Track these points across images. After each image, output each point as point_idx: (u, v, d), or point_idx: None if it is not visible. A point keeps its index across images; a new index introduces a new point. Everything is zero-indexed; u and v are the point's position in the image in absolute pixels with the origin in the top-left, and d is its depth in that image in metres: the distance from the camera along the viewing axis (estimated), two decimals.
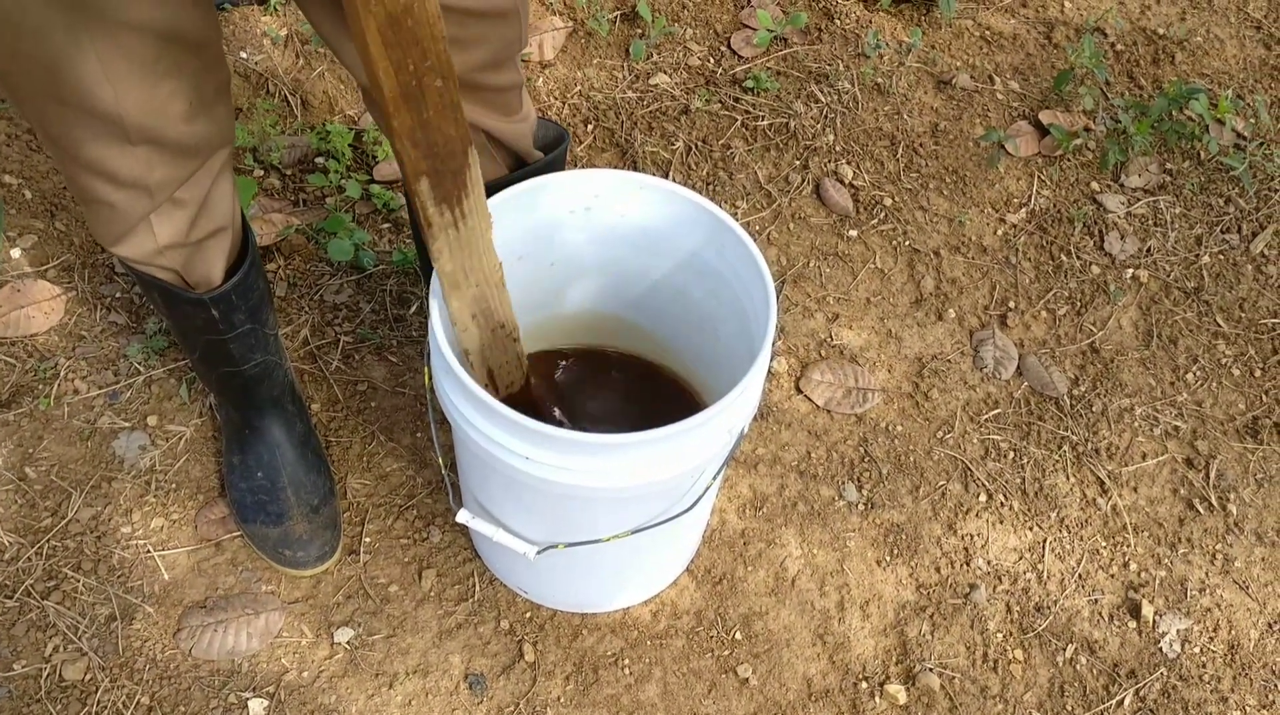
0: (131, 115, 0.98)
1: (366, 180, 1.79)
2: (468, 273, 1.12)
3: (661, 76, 1.99)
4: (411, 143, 0.96)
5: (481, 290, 1.15)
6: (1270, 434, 1.68)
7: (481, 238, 1.10)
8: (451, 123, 0.97)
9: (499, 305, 1.18)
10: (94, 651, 1.37)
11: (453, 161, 1.00)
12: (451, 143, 0.99)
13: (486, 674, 1.39)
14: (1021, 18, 2.16)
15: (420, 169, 0.99)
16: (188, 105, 1.03)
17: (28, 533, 1.44)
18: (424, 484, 1.53)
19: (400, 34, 0.87)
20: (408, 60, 0.90)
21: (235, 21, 1.96)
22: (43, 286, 1.64)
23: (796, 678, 1.43)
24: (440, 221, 1.05)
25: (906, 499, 1.58)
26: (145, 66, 0.96)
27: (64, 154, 1.04)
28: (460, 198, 1.04)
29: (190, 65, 1.01)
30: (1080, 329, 1.76)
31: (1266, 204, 1.93)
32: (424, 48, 0.90)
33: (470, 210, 1.06)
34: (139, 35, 0.93)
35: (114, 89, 0.95)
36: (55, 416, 1.54)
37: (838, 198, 1.86)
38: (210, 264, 1.21)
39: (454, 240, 1.07)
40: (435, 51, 0.91)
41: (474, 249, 1.10)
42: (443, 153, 0.99)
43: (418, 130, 0.95)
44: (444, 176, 1.01)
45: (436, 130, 0.97)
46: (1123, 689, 1.45)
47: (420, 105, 0.94)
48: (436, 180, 1.01)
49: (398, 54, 0.89)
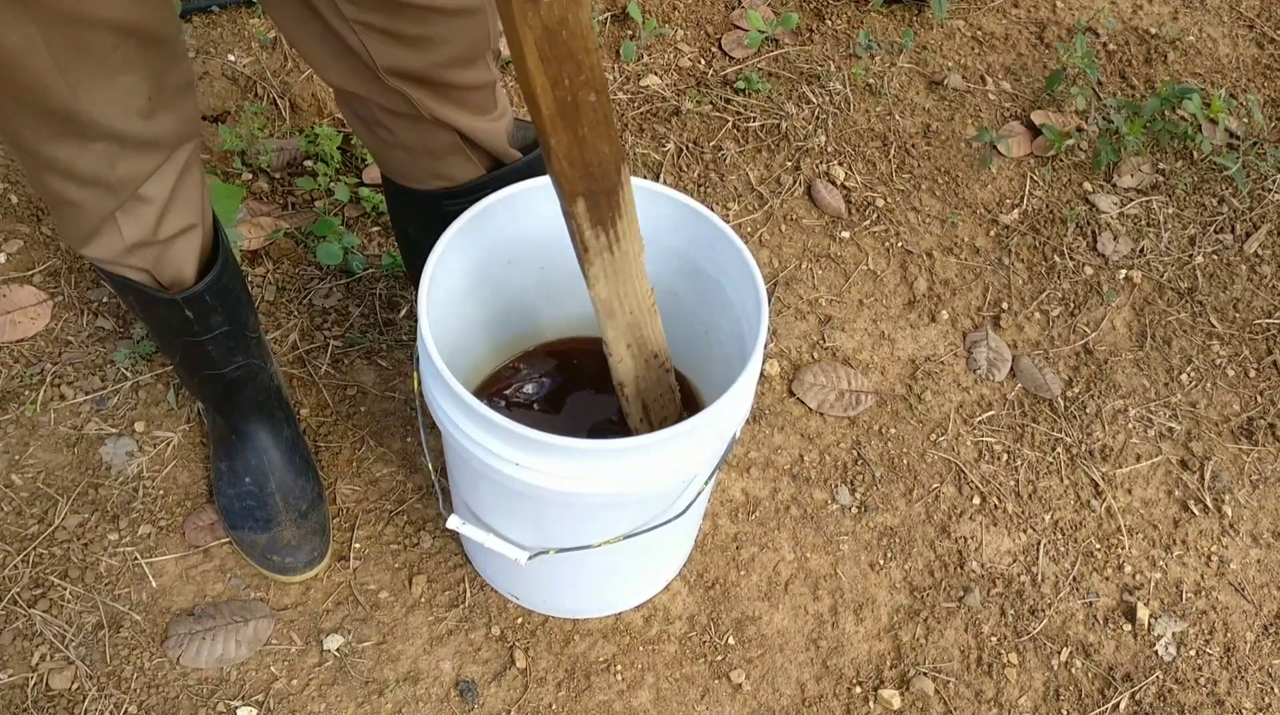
0: (88, 110, 0.97)
1: (356, 183, 1.78)
2: (622, 299, 1.09)
3: (652, 78, 1.98)
4: (569, 162, 0.94)
5: (635, 317, 1.12)
6: (1265, 435, 1.67)
7: (635, 261, 1.07)
8: (606, 139, 0.95)
9: (652, 333, 1.15)
10: (81, 660, 1.36)
11: (607, 181, 0.98)
12: (605, 161, 0.96)
13: (477, 681, 1.38)
14: (1013, 18, 2.15)
15: (578, 190, 0.96)
16: (147, 100, 1.02)
17: (14, 540, 1.43)
18: (414, 489, 1.52)
19: (556, 48, 0.85)
20: (563, 75, 0.87)
21: (223, 24, 1.95)
22: (28, 292, 1.63)
23: (790, 683, 1.42)
24: (596, 245, 1.02)
25: (900, 502, 1.57)
26: (100, 60, 0.95)
27: (23, 153, 1.03)
28: (615, 219, 1.01)
29: (149, 60, 0.99)
30: (1074, 330, 1.76)
31: (1260, 204, 1.92)
32: (578, 61, 0.87)
33: (624, 233, 1.03)
34: (92, 29, 0.92)
35: (69, 84, 0.94)
36: (42, 423, 1.52)
37: (830, 199, 1.85)
38: (181, 263, 1.20)
39: (609, 265, 1.05)
40: (589, 65, 0.88)
41: (628, 274, 1.07)
42: (598, 172, 0.96)
43: (574, 149, 0.93)
44: (599, 197, 0.98)
45: (592, 148, 0.94)
46: (1118, 692, 1.44)
47: (576, 122, 0.91)
48: (593, 202, 0.98)
49: (554, 69, 0.86)
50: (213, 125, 1.83)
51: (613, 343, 1.13)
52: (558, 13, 0.84)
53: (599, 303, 1.08)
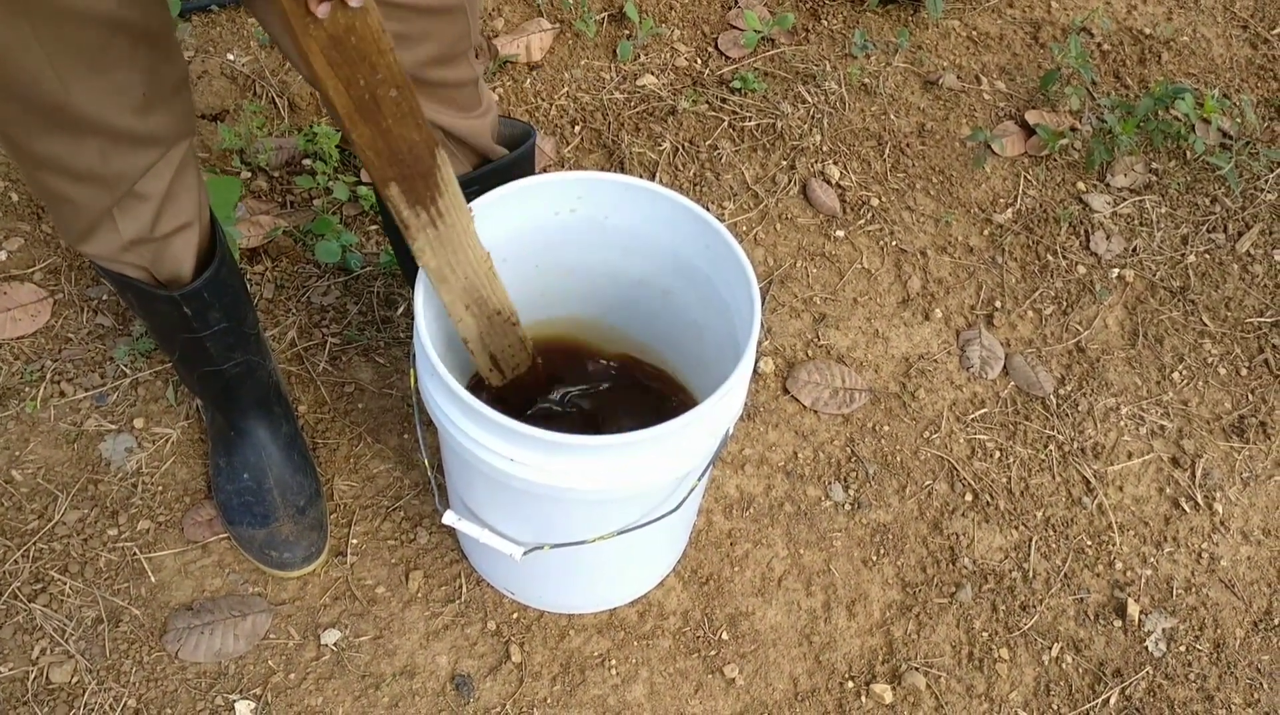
0: (80, 105, 0.98)
1: (354, 182, 1.79)
2: (454, 267, 1.13)
3: (649, 77, 1.99)
4: (374, 152, 0.98)
5: (471, 281, 1.16)
6: (1256, 433, 1.69)
7: (463, 233, 1.11)
8: (413, 128, 0.99)
9: (492, 293, 1.20)
10: (81, 654, 1.37)
11: (420, 165, 1.02)
12: (416, 147, 1.00)
13: (473, 675, 1.39)
14: (1008, 18, 2.16)
15: (387, 176, 1.01)
16: (142, 96, 1.03)
17: (14, 536, 1.44)
18: (411, 485, 1.53)
19: (345, 52, 0.89)
20: (357, 76, 0.91)
21: (222, 23, 1.96)
22: (29, 289, 1.64)
23: (783, 677, 1.43)
24: (416, 222, 1.06)
25: (893, 499, 1.58)
26: (92, 56, 0.96)
27: (17, 149, 1.04)
28: (434, 197, 1.06)
29: (142, 56, 1.00)
30: (1066, 328, 1.77)
31: (1252, 203, 1.94)
32: (372, 62, 0.91)
33: (446, 208, 1.08)
34: (83, 24, 0.93)
35: (60, 79, 0.95)
36: (42, 419, 1.54)
37: (825, 198, 1.86)
38: (179, 260, 1.21)
39: (434, 238, 1.09)
40: (384, 64, 0.92)
41: (456, 245, 1.11)
42: (408, 158, 1.00)
43: (378, 139, 0.97)
44: (413, 180, 1.03)
45: (398, 138, 0.98)
46: (1108, 688, 1.46)
47: (377, 116, 0.95)
48: (407, 185, 1.03)
49: (345, 72, 0.90)
50: (212, 124, 1.84)
51: (450, 306, 1.17)
52: (343, 23, 0.88)
53: (430, 272, 1.12)
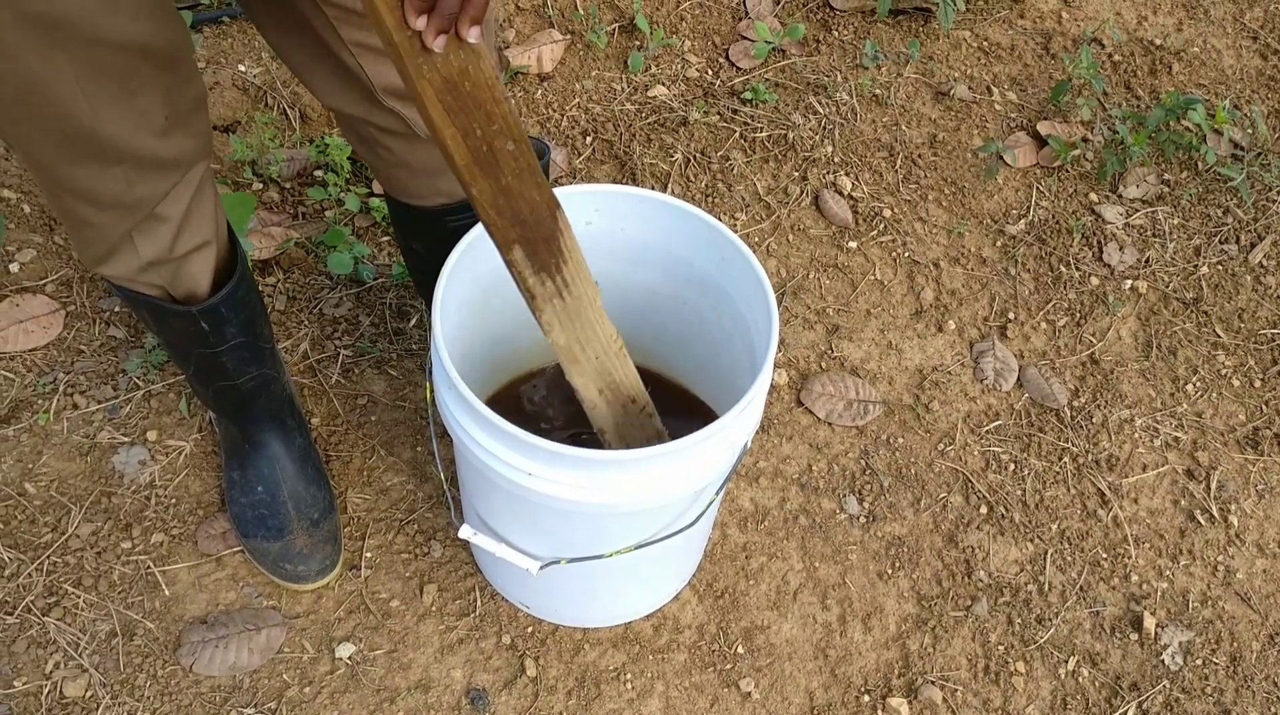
0: (108, 132, 0.98)
1: (366, 193, 1.79)
2: (584, 345, 1.09)
3: (660, 88, 1.99)
4: (496, 211, 0.94)
5: (602, 362, 1.11)
6: (1271, 445, 1.68)
7: (590, 306, 1.07)
8: (533, 186, 0.95)
9: (624, 378, 1.15)
10: (95, 668, 1.37)
11: (542, 227, 0.98)
12: (537, 208, 0.97)
13: (488, 689, 1.39)
14: (1019, 29, 2.16)
15: (511, 238, 0.97)
16: (164, 119, 1.03)
17: (28, 549, 1.44)
18: (424, 498, 1.53)
19: (460, 99, 0.86)
20: (474, 126, 0.88)
21: (234, 35, 1.96)
22: (41, 301, 1.64)
23: (799, 691, 1.42)
24: (543, 292, 1.02)
25: (908, 511, 1.58)
26: (120, 83, 0.96)
27: (45, 176, 1.04)
28: (559, 264, 1.02)
29: (164, 80, 1.01)
30: (1080, 340, 1.77)
31: (1264, 214, 1.93)
32: (487, 111, 0.89)
33: (572, 277, 1.04)
34: (112, 51, 0.93)
35: (91, 107, 0.95)
36: (54, 432, 1.53)
37: (837, 209, 1.86)
38: (196, 279, 1.21)
39: (561, 311, 1.05)
40: (500, 114, 0.90)
41: (584, 319, 1.07)
42: (530, 219, 0.97)
43: (500, 197, 0.94)
44: (536, 244, 0.99)
45: (519, 197, 0.95)
46: (1125, 701, 1.45)
47: (496, 171, 0.92)
48: (530, 249, 0.99)
49: (462, 120, 0.87)
50: (223, 135, 1.84)
51: (582, 389, 1.13)
52: (456, 65, 0.85)
53: (559, 350, 1.07)
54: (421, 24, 0.82)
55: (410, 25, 0.82)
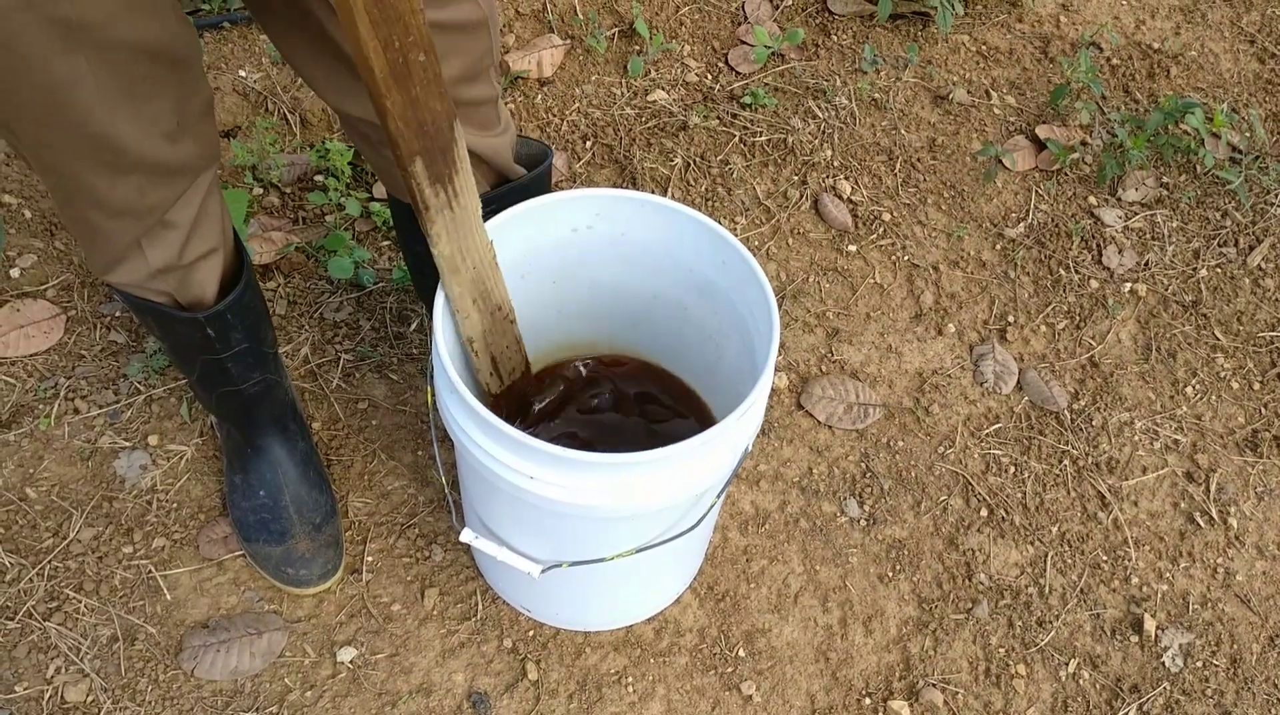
0: (122, 137, 0.98)
1: (366, 198, 1.80)
2: (464, 254, 1.12)
3: (659, 93, 2.00)
4: (404, 122, 0.97)
5: (479, 272, 1.15)
6: (1270, 447, 1.68)
7: (474, 216, 1.11)
8: (437, 97, 0.98)
9: (495, 286, 1.19)
10: (96, 673, 1.37)
11: (441, 138, 1.01)
12: (439, 118, 1.00)
13: (490, 693, 1.39)
14: (1017, 33, 2.17)
15: (414, 149, 1.00)
16: (175, 124, 1.03)
17: (29, 554, 1.44)
18: (425, 503, 1.53)
19: (384, 10, 0.88)
20: (393, 37, 0.91)
21: (234, 40, 1.97)
22: (42, 306, 1.64)
23: (800, 694, 1.43)
24: (436, 202, 1.05)
25: (908, 514, 1.58)
26: (133, 86, 0.96)
27: (58, 182, 1.04)
28: (451, 175, 1.05)
29: (173, 84, 1.01)
30: (1079, 343, 1.77)
31: (1263, 217, 1.94)
32: (405, 22, 0.91)
33: (462, 188, 1.07)
34: (126, 53, 0.93)
35: (108, 111, 0.95)
36: (56, 436, 1.53)
37: (836, 213, 1.86)
38: (204, 285, 1.21)
39: (450, 221, 1.08)
40: (416, 25, 0.92)
41: (468, 228, 1.11)
42: (431, 130, 1.00)
43: (408, 109, 0.96)
44: (435, 155, 1.02)
45: (424, 107, 0.98)
46: (1126, 704, 1.45)
47: (408, 82, 0.95)
48: (429, 159, 1.02)
49: (384, 31, 0.90)
50: (224, 140, 1.84)
51: (458, 299, 1.16)
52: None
53: (443, 260, 1.11)
54: None
55: None
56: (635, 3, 2.09)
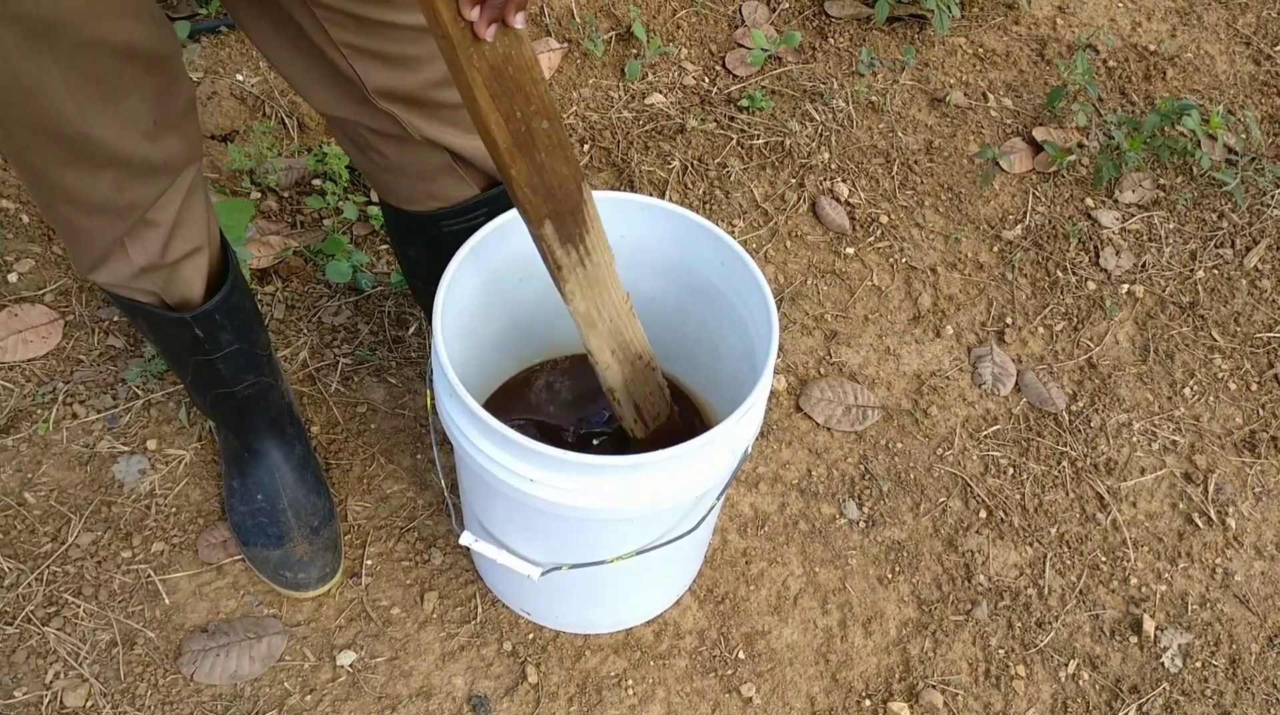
0: (97, 135, 0.98)
1: (364, 202, 1.80)
2: (600, 309, 1.12)
3: (657, 96, 2.00)
4: (531, 189, 0.97)
5: (615, 324, 1.15)
6: (1267, 447, 1.69)
7: (608, 271, 1.11)
8: (563, 161, 0.99)
9: (634, 337, 1.19)
10: (95, 678, 1.36)
11: (569, 200, 1.02)
12: (566, 181, 1.00)
13: (490, 696, 1.39)
14: (1014, 35, 2.17)
15: (543, 213, 1.00)
16: (152, 123, 1.03)
17: (27, 558, 1.44)
18: (424, 506, 1.53)
19: (504, 83, 0.89)
20: (514, 108, 0.91)
21: (231, 44, 1.97)
22: (40, 311, 1.64)
23: (800, 696, 1.43)
24: (568, 262, 1.06)
25: (907, 516, 1.58)
26: (106, 84, 0.96)
27: (36, 181, 1.04)
28: (582, 235, 1.05)
29: (151, 82, 1.01)
30: (1077, 344, 1.77)
31: (1259, 219, 1.94)
32: (526, 93, 0.92)
33: (594, 246, 1.07)
34: (99, 53, 0.93)
35: (79, 110, 0.95)
36: (54, 441, 1.53)
37: (834, 215, 1.87)
38: (189, 284, 1.21)
39: (583, 279, 1.09)
40: (537, 95, 0.93)
41: (603, 284, 1.11)
42: (559, 193, 1.00)
43: (535, 175, 0.97)
44: (564, 217, 1.02)
45: (551, 172, 0.98)
46: (1126, 704, 1.45)
47: (533, 150, 0.95)
48: (559, 222, 1.02)
49: (505, 104, 0.90)
50: (221, 144, 1.84)
51: (597, 352, 1.16)
52: (502, 51, 0.88)
53: (579, 317, 1.11)
54: (474, 15, 0.85)
55: (464, 17, 0.85)
56: (633, 6, 2.09)
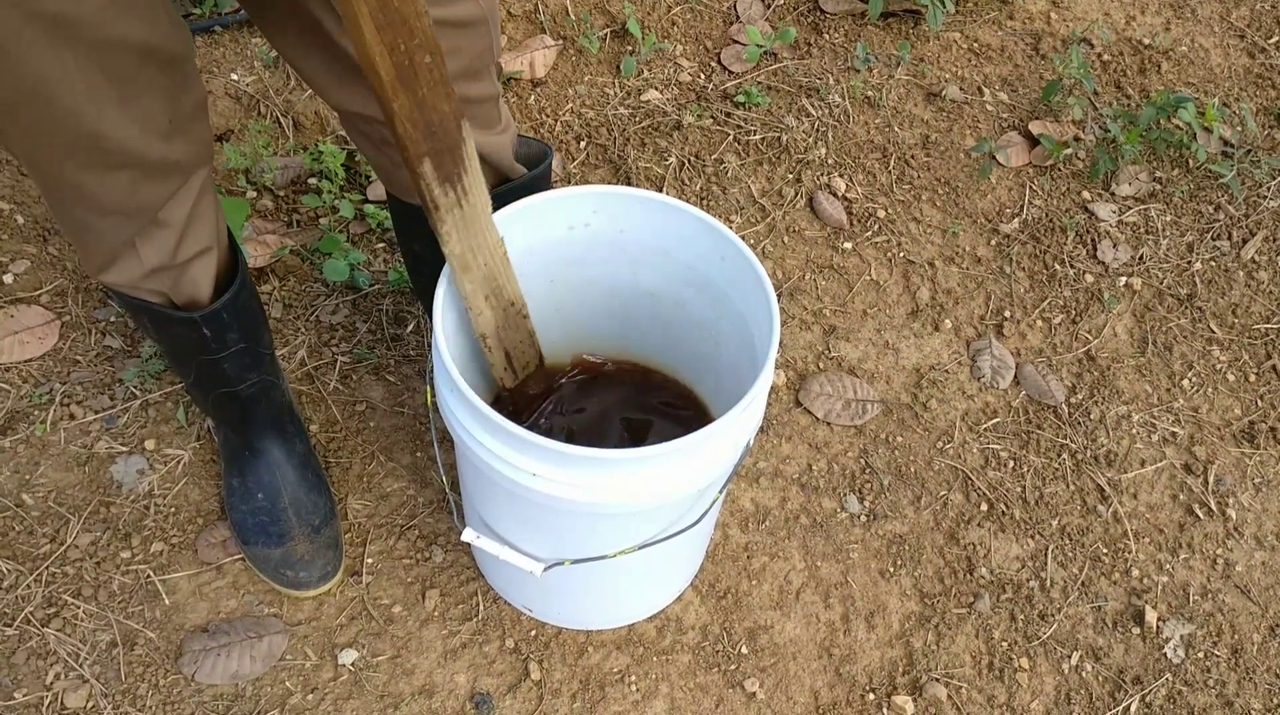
0: (112, 135, 0.98)
1: (360, 200, 1.79)
2: (475, 252, 1.12)
3: (653, 92, 2.00)
4: (411, 124, 0.97)
5: (490, 268, 1.15)
6: (1267, 438, 1.69)
7: (484, 213, 1.11)
8: (444, 98, 0.98)
9: (507, 282, 1.19)
10: (96, 679, 1.36)
11: (448, 138, 1.02)
12: (446, 119, 1.00)
13: (493, 693, 1.38)
14: (1008, 30, 2.17)
15: (422, 150, 1.00)
16: (167, 123, 1.03)
17: (26, 560, 1.43)
18: (425, 504, 1.52)
19: (389, 15, 0.89)
20: (399, 41, 0.91)
21: (226, 43, 1.96)
22: (36, 312, 1.63)
23: (804, 691, 1.42)
24: (445, 201, 1.06)
25: (908, 509, 1.58)
26: (124, 84, 0.96)
27: (48, 181, 1.03)
28: (460, 174, 1.05)
29: (165, 82, 1.00)
30: (1076, 337, 1.77)
31: (1255, 210, 1.94)
32: (410, 25, 0.91)
33: (471, 186, 1.07)
34: (117, 52, 0.93)
35: (97, 110, 0.95)
36: (52, 442, 1.53)
37: (831, 210, 1.86)
38: (198, 285, 1.21)
39: (459, 219, 1.08)
40: (421, 28, 0.92)
41: (478, 226, 1.11)
42: (439, 131, 1.00)
43: (415, 110, 0.96)
44: (443, 155, 1.02)
45: (432, 109, 0.98)
46: (1129, 695, 1.45)
47: (414, 84, 0.95)
48: (438, 160, 1.02)
49: (389, 36, 0.90)
50: (217, 144, 1.83)
51: (471, 296, 1.16)
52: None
53: (454, 258, 1.11)
54: None
55: None
56: (627, 3, 2.09)
